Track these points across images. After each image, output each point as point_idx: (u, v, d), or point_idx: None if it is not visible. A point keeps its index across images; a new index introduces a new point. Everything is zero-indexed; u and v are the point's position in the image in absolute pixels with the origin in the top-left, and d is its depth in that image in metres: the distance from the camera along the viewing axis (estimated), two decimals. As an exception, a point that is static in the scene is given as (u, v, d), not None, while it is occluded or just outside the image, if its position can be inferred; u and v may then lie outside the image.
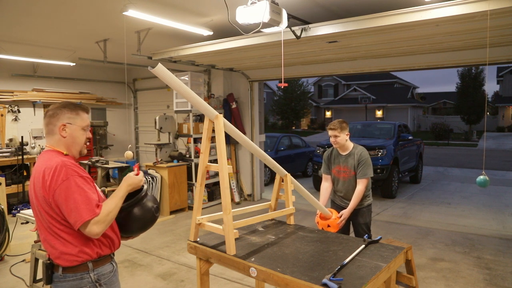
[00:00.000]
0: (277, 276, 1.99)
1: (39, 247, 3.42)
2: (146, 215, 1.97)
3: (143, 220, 1.97)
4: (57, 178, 1.67)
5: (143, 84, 9.44)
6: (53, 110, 1.85)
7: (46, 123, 1.85)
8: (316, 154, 9.09)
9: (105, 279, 1.81)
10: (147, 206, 1.98)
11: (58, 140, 1.84)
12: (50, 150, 1.84)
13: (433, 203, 7.85)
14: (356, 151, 3.56)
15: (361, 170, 3.48)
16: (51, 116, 1.84)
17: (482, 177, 3.46)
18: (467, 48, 5.14)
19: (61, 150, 1.84)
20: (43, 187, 1.70)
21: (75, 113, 1.87)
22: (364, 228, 3.65)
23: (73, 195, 1.66)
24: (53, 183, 1.67)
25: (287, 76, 7.26)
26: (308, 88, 36.32)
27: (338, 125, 3.50)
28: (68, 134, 1.84)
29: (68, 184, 1.67)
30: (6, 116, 7.32)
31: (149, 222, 2.01)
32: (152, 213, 2.00)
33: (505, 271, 4.33)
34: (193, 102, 2.19)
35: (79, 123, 1.87)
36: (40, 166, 1.77)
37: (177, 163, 7.10)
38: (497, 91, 38.34)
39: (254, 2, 3.26)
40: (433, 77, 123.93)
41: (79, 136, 1.88)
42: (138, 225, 1.98)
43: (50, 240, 1.75)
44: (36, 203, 1.76)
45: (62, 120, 1.83)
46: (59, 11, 4.32)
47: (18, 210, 5.52)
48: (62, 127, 1.83)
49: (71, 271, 1.75)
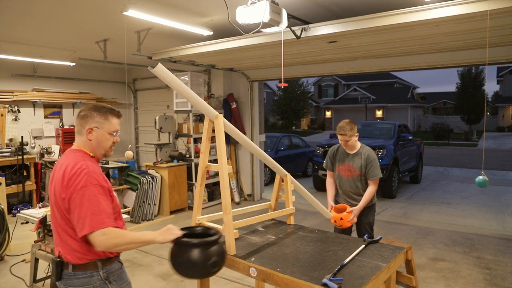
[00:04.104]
0: (277, 276, 1.99)
1: (39, 247, 3.42)
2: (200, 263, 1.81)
3: (193, 266, 1.82)
4: (77, 183, 1.69)
5: (143, 84, 9.44)
6: (84, 111, 1.88)
7: (77, 123, 1.88)
8: (316, 154, 9.09)
9: (114, 276, 1.84)
10: (207, 256, 1.82)
11: (84, 141, 1.87)
12: (77, 150, 1.87)
13: (433, 203, 7.85)
14: (364, 151, 3.56)
15: (371, 171, 3.49)
16: (82, 117, 1.87)
17: (482, 177, 3.45)
18: (467, 48, 5.14)
19: (87, 151, 1.87)
20: (62, 185, 1.73)
21: (104, 118, 1.87)
22: (367, 228, 3.68)
23: (86, 204, 1.67)
24: (72, 187, 1.70)
25: (287, 76, 7.26)
26: (308, 88, 36.34)
27: (349, 131, 3.45)
28: (94, 138, 1.86)
29: (85, 192, 1.68)
30: (6, 116, 7.32)
31: (198, 273, 1.90)
32: (207, 266, 1.83)
33: (505, 271, 4.33)
34: (193, 102, 2.19)
35: (107, 128, 1.88)
36: (63, 164, 1.79)
37: (177, 163, 7.10)
38: (497, 91, 38.35)
39: (254, 2, 3.26)
40: (433, 77, 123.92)
41: (105, 140, 1.88)
42: (185, 267, 1.86)
43: (64, 236, 1.78)
44: (54, 198, 1.80)
45: (90, 123, 1.85)
46: (59, 11, 4.32)
47: (18, 210, 5.52)
48: (89, 130, 1.85)
49: (81, 269, 1.77)
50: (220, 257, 1.89)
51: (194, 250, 1.82)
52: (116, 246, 1.69)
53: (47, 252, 3.31)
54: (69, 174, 1.72)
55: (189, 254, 1.82)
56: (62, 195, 1.72)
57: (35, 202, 7.11)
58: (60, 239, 1.80)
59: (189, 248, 1.83)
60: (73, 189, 1.69)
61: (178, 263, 1.87)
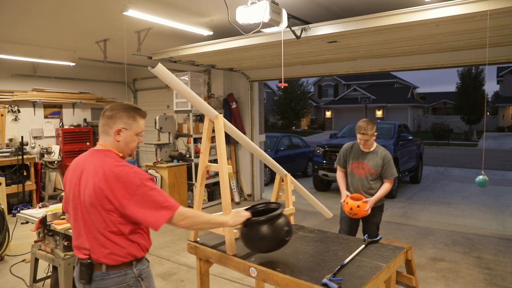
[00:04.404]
0: (277, 276, 1.99)
1: (39, 247, 3.42)
2: (275, 235, 1.99)
3: (272, 240, 2.00)
4: (132, 184, 1.67)
5: (143, 84, 9.44)
6: (111, 112, 1.83)
7: (103, 123, 1.84)
8: (316, 154, 9.09)
9: (144, 273, 1.84)
10: (278, 227, 1.99)
11: (111, 142, 1.84)
12: (107, 150, 1.82)
13: (433, 203, 7.85)
14: (380, 151, 3.63)
15: (388, 171, 3.58)
16: (109, 117, 1.83)
17: (482, 177, 3.46)
18: (467, 48, 5.14)
19: (116, 151, 1.84)
20: (111, 191, 1.67)
21: (133, 119, 1.85)
22: (374, 227, 3.74)
23: (151, 198, 1.68)
24: (129, 189, 1.66)
25: (287, 76, 7.26)
26: (308, 88, 36.33)
27: (369, 130, 3.52)
28: (122, 139, 1.83)
29: (144, 189, 1.68)
30: (6, 116, 7.32)
31: (276, 245, 2.05)
32: (283, 236, 2.01)
33: (505, 271, 4.33)
34: (193, 102, 2.19)
35: (135, 129, 1.86)
36: (98, 166, 1.73)
37: (177, 163, 7.10)
38: (497, 91, 38.33)
39: (254, 2, 3.26)
40: (433, 77, 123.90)
41: (132, 141, 1.87)
42: (262, 244, 2.01)
43: (101, 239, 1.72)
44: (89, 200, 1.71)
45: (118, 124, 1.82)
46: (59, 11, 4.32)
47: (18, 210, 5.52)
48: (118, 131, 1.82)
49: (115, 268, 1.74)
50: (289, 226, 2.06)
51: (268, 225, 1.99)
52: (195, 225, 1.82)
53: (47, 252, 3.31)
54: (116, 176, 1.68)
55: (264, 230, 1.98)
56: (108, 197, 1.67)
57: (35, 202, 7.12)
58: (96, 242, 1.73)
59: (264, 225, 1.98)
60: (133, 191, 1.66)
61: (255, 241, 2.02)
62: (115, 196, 1.67)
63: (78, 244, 1.81)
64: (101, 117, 1.86)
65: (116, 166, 1.72)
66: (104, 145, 1.84)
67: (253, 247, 2.08)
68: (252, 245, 2.06)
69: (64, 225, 3.07)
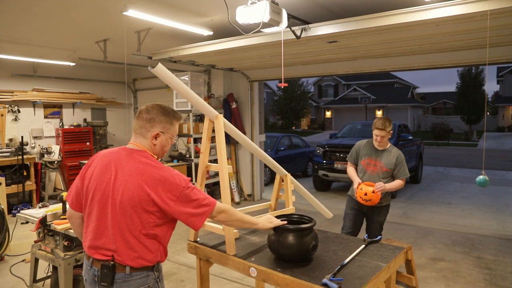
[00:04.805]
0: (277, 276, 1.99)
1: (39, 247, 3.41)
2: (302, 246, 2.04)
3: (294, 249, 2.05)
4: (176, 186, 1.70)
5: (143, 84, 9.44)
6: (150, 114, 1.81)
7: (140, 125, 1.82)
8: (316, 154, 9.09)
9: (161, 274, 1.87)
10: (306, 239, 2.05)
11: (148, 144, 1.82)
12: (142, 151, 1.80)
13: (433, 203, 7.85)
14: (394, 150, 3.69)
15: (402, 170, 3.65)
16: (147, 120, 1.81)
17: (482, 177, 3.46)
18: (467, 48, 5.14)
19: (151, 153, 1.83)
20: (157, 192, 1.68)
21: (170, 123, 1.85)
22: (378, 226, 3.77)
23: (193, 198, 1.73)
24: (173, 191, 1.69)
25: (287, 76, 7.26)
26: (308, 88, 36.34)
27: (387, 127, 3.58)
28: (158, 143, 1.83)
29: (185, 190, 1.71)
30: (6, 116, 7.32)
31: (300, 256, 2.08)
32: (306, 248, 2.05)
33: (505, 271, 4.34)
34: (193, 102, 2.19)
35: (171, 132, 1.87)
36: (135, 165, 1.73)
37: (177, 163, 7.10)
38: (497, 91, 38.33)
39: (254, 2, 3.26)
40: (433, 77, 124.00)
41: (167, 144, 1.88)
42: (288, 252, 2.06)
43: (131, 242, 1.70)
44: (129, 201, 1.69)
45: (156, 128, 1.81)
46: (59, 11, 4.32)
47: (18, 210, 5.52)
48: (156, 135, 1.81)
49: (138, 270, 1.74)
50: (317, 241, 2.12)
51: (297, 236, 2.05)
52: (229, 220, 1.88)
53: (47, 252, 3.31)
54: (162, 178, 1.69)
55: (292, 239, 2.05)
56: (151, 198, 1.67)
57: (35, 202, 7.12)
58: (125, 244, 1.70)
59: (293, 234, 2.06)
60: (178, 192, 1.69)
61: (282, 248, 2.08)
62: (160, 198, 1.68)
63: (99, 244, 1.75)
64: (136, 118, 1.84)
65: (159, 168, 1.73)
66: (140, 146, 1.82)
67: (279, 253, 2.11)
68: (278, 251, 2.10)
69: (64, 225, 3.06)
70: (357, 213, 3.83)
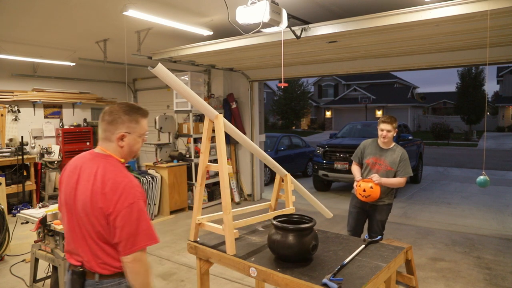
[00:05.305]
0: (277, 276, 1.99)
1: (39, 247, 3.42)
2: (302, 246, 2.04)
3: (294, 249, 2.04)
4: (124, 199, 1.60)
5: (143, 84, 9.44)
6: (111, 116, 1.71)
7: (104, 129, 1.73)
8: (316, 154, 9.09)
9: None
10: (306, 239, 2.05)
11: (114, 148, 1.73)
12: (107, 156, 1.72)
13: (433, 203, 7.85)
14: (398, 149, 3.73)
15: (404, 169, 3.67)
16: (109, 122, 1.71)
17: (483, 177, 3.46)
18: (467, 48, 5.14)
19: (118, 157, 1.74)
20: (105, 199, 1.60)
21: (135, 122, 1.75)
22: (379, 225, 3.80)
23: (136, 221, 1.60)
24: (120, 203, 1.59)
25: (287, 76, 7.26)
26: (308, 88, 36.33)
27: (393, 122, 3.65)
28: (125, 144, 1.74)
29: (132, 209, 1.60)
30: (6, 116, 7.32)
31: (300, 256, 2.08)
32: (306, 248, 2.04)
33: (505, 271, 4.33)
34: (193, 102, 2.19)
35: (138, 131, 1.77)
36: (94, 171, 1.66)
37: (177, 163, 7.10)
38: (497, 91, 38.32)
39: (254, 2, 3.26)
40: (433, 77, 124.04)
41: (136, 144, 1.78)
42: (288, 252, 2.06)
43: (94, 248, 1.65)
44: (87, 207, 1.64)
45: (120, 129, 1.71)
46: (59, 11, 4.32)
47: (18, 210, 5.52)
48: (121, 137, 1.72)
49: (109, 278, 1.67)
50: (317, 241, 2.12)
51: (297, 235, 2.04)
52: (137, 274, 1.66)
53: (47, 252, 3.31)
54: (114, 188, 1.60)
55: (292, 239, 2.04)
56: (103, 207, 1.60)
57: (35, 202, 7.11)
58: (89, 250, 1.66)
59: (293, 234, 2.05)
60: (121, 206, 1.58)
61: (282, 248, 2.07)
62: (107, 202, 1.60)
63: (70, 249, 1.73)
64: (100, 122, 1.75)
65: (117, 175, 1.65)
66: (105, 150, 1.74)
67: (279, 253, 2.11)
68: (278, 251, 2.10)
69: (64, 225, 3.06)
70: (360, 211, 3.89)
